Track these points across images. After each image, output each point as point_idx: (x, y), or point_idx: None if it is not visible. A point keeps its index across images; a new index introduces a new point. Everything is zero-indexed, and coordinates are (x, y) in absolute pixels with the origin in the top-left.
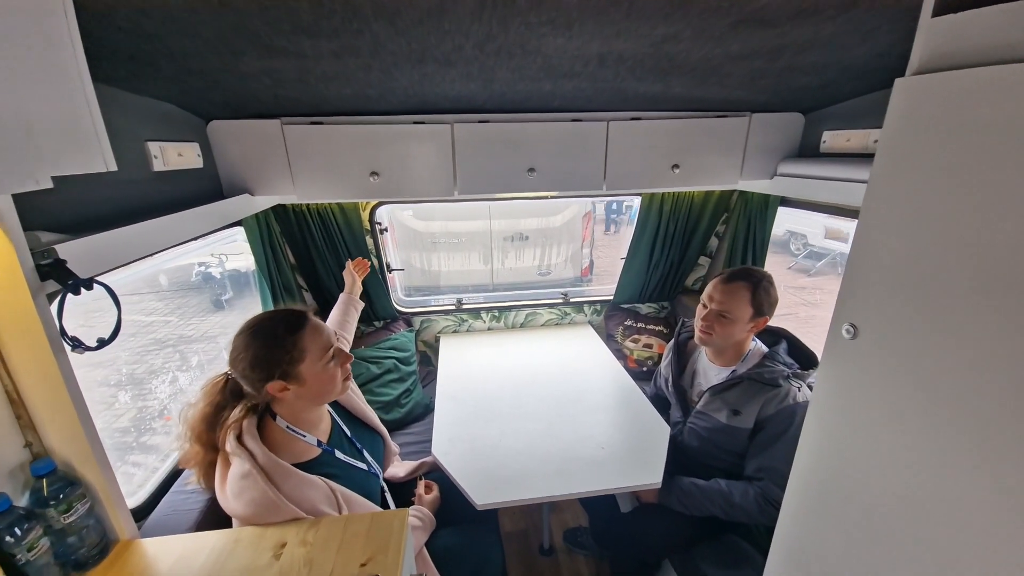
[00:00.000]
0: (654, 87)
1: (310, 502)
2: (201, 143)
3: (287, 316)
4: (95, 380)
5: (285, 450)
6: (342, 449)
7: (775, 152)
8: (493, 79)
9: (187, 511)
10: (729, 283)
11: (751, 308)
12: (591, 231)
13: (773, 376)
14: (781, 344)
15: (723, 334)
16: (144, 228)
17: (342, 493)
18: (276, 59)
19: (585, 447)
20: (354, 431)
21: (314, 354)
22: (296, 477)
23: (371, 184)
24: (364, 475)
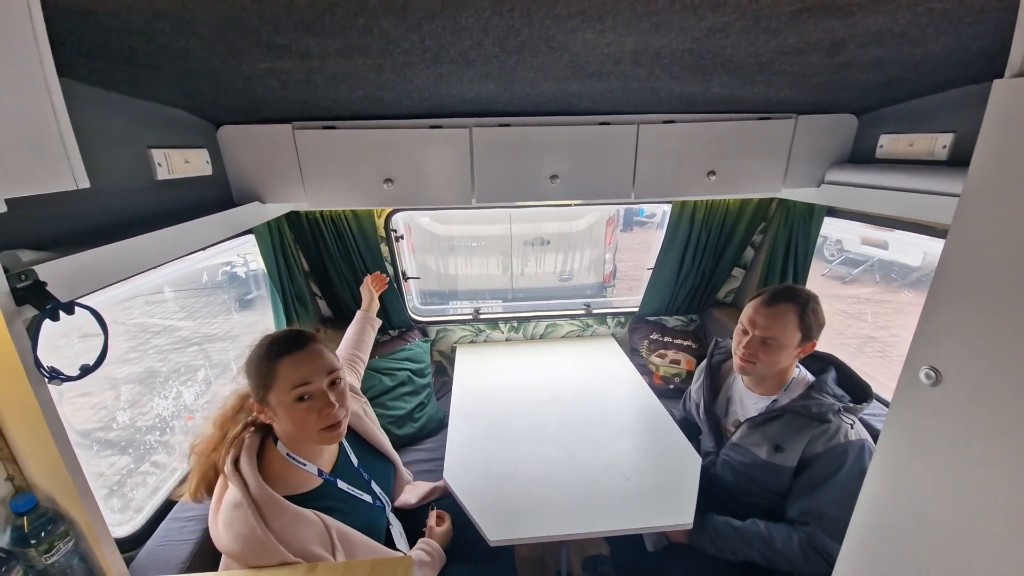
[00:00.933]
0: (692, 87)
1: (301, 543)
2: (211, 149)
3: (285, 337)
4: (121, 376)
5: (282, 479)
6: (346, 479)
7: (823, 157)
8: (515, 79)
9: (181, 542)
10: (773, 305)
11: (799, 332)
12: (615, 236)
13: (822, 410)
14: (829, 372)
15: (768, 362)
16: (141, 242)
17: (338, 531)
18: (280, 59)
19: (609, 477)
20: (363, 460)
21: (281, 386)
22: (288, 513)
23: (385, 191)
24: (368, 508)
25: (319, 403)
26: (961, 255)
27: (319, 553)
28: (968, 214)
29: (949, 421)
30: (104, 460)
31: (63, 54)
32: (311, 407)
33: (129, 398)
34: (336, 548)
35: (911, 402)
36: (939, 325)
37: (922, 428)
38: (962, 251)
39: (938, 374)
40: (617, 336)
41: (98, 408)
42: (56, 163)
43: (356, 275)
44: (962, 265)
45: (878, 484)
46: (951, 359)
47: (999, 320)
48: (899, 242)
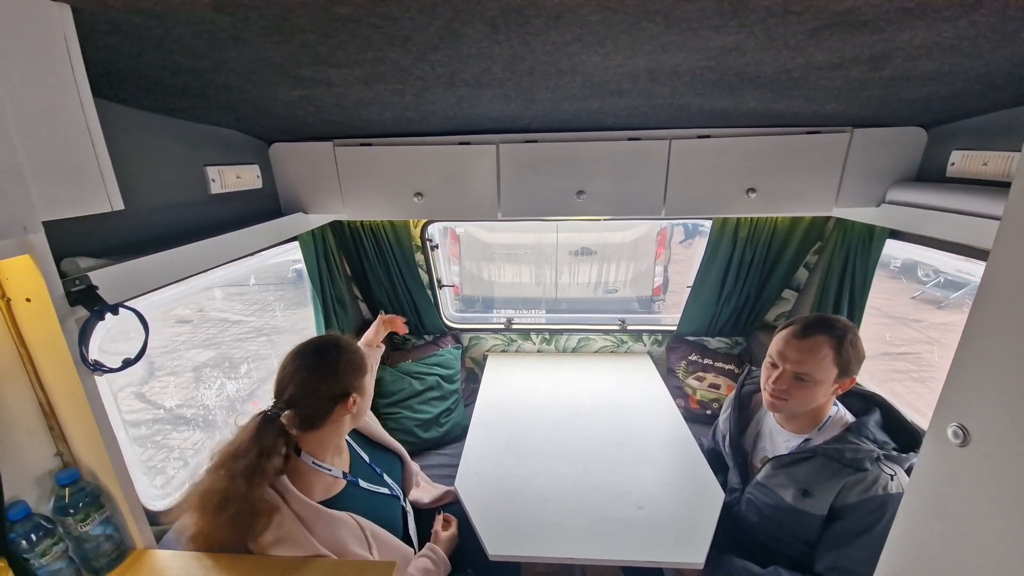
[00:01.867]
0: (723, 103)
1: (342, 544)
2: (262, 164)
3: (345, 337)
4: (203, 361)
5: (313, 488)
6: (364, 476)
7: (884, 174)
8: (534, 99)
9: None
10: (806, 337)
11: (835, 368)
12: (667, 248)
13: (857, 456)
14: (872, 414)
15: (802, 400)
16: (189, 250)
17: (371, 530)
18: (310, 88)
19: (621, 504)
20: (372, 455)
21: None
22: (327, 518)
23: (415, 204)
24: (387, 500)
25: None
26: (994, 301)
27: (358, 552)
28: (1002, 257)
29: (980, 486)
30: (181, 435)
31: (126, 89)
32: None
33: (206, 380)
34: (372, 545)
35: (938, 461)
36: (968, 380)
37: (948, 489)
38: (999, 291)
39: (966, 433)
40: (654, 355)
41: (180, 387)
42: (93, 188)
43: (392, 281)
44: (996, 312)
45: (900, 547)
46: (983, 416)
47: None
48: None
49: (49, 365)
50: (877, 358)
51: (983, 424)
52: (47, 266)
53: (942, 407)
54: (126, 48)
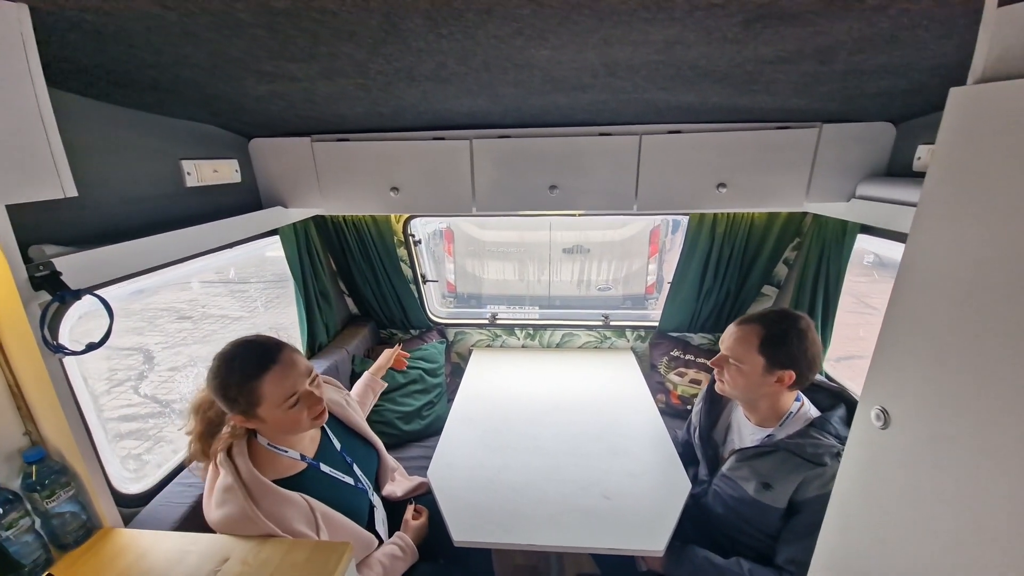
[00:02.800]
0: (686, 97)
1: (287, 522)
2: (241, 159)
3: (255, 356)
4: (203, 356)
5: (269, 466)
6: (329, 462)
7: (854, 170)
8: (499, 94)
9: (178, 504)
10: (742, 324)
11: (761, 357)
12: (660, 246)
13: (817, 452)
14: (837, 409)
15: (732, 384)
16: (160, 240)
17: (322, 512)
18: (275, 83)
19: (588, 495)
20: (346, 444)
21: (272, 400)
22: (275, 495)
23: (392, 199)
24: (351, 490)
25: (307, 402)
26: (913, 287)
27: (303, 531)
28: (918, 245)
29: (900, 468)
30: (175, 425)
31: (97, 85)
32: (302, 408)
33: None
34: (320, 527)
35: (863, 443)
36: (889, 364)
37: (872, 472)
38: (912, 284)
39: (887, 415)
40: (637, 351)
41: (179, 383)
42: (46, 175)
43: (376, 276)
44: (914, 296)
45: (831, 531)
46: (902, 400)
47: (943, 359)
48: None
49: (15, 347)
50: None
51: (903, 407)
52: (11, 251)
53: (867, 391)
54: (89, 44)
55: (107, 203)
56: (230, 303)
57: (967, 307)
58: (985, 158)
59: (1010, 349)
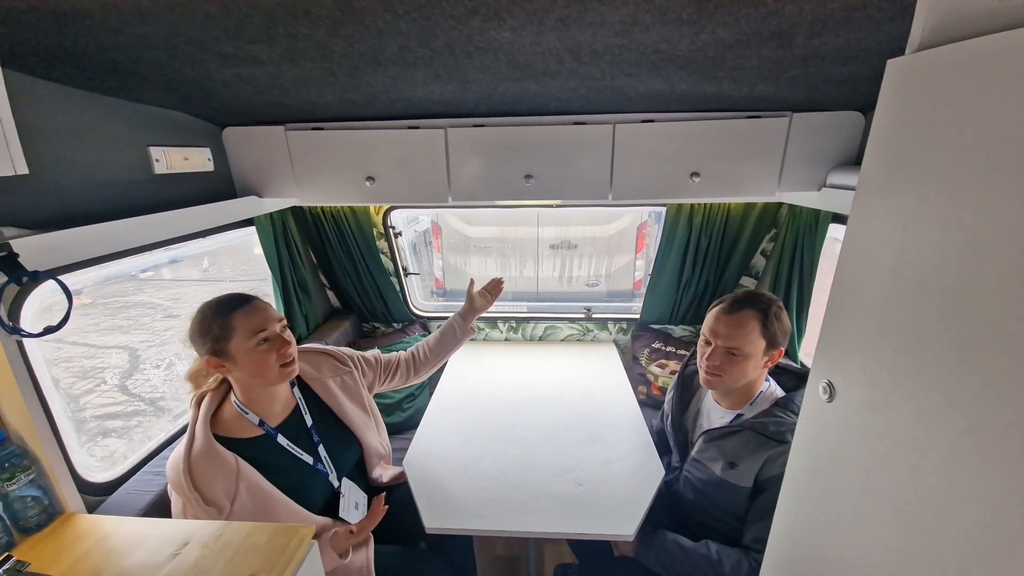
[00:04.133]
0: (654, 84)
1: (206, 484)
2: (214, 148)
3: (229, 297)
4: (187, 355)
5: (231, 425)
6: (291, 436)
7: (825, 159)
8: (467, 80)
9: (144, 492)
10: (734, 312)
11: (763, 340)
12: (646, 242)
13: (780, 430)
14: (802, 391)
15: (734, 374)
16: (123, 225)
17: (251, 484)
18: (240, 66)
19: (562, 482)
20: (320, 423)
21: (242, 334)
22: (208, 451)
23: (367, 189)
24: (305, 470)
25: (277, 344)
26: (855, 261)
27: (217, 498)
28: (858, 221)
29: (845, 441)
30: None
31: (59, 68)
32: (270, 348)
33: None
34: (237, 496)
35: (812, 418)
36: (834, 337)
37: (820, 445)
38: (855, 257)
39: (832, 388)
40: (620, 343)
41: (164, 381)
42: None
43: (356, 268)
44: (856, 271)
45: (785, 505)
46: (845, 372)
47: (883, 331)
48: None
49: None
50: None
51: (846, 379)
52: None
53: (816, 365)
54: (47, 24)
55: (70, 187)
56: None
57: (904, 280)
58: (920, 130)
59: (944, 321)
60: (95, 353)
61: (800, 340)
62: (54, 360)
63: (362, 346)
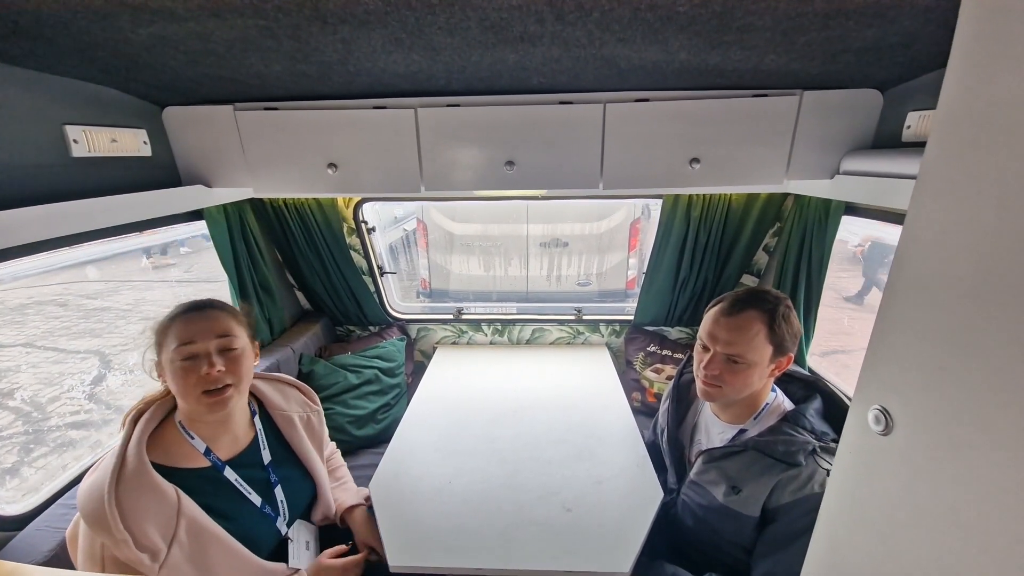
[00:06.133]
0: (650, 52)
1: (139, 521)
2: (153, 131)
3: (189, 303)
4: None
5: (165, 448)
6: (242, 471)
7: (838, 142)
8: (434, 46)
9: (55, 530)
10: (736, 314)
11: (770, 345)
12: (640, 239)
13: (790, 450)
14: (813, 401)
15: (737, 385)
16: (26, 214)
17: (191, 521)
18: (156, 23)
19: (548, 507)
20: (278, 462)
21: (171, 344)
22: (143, 478)
23: (329, 177)
24: (252, 513)
25: (202, 363)
26: (914, 266)
27: (151, 540)
28: (919, 220)
29: (900, 479)
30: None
31: None
32: (193, 367)
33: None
34: (176, 538)
35: (859, 452)
36: (890, 354)
37: (869, 487)
38: (914, 262)
39: (889, 417)
40: (612, 346)
41: (136, 385)
42: None
43: (325, 267)
44: (916, 278)
45: (819, 557)
46: (903, 397)
47: (955, 349)
48: None
49: None
50: (859, 351)
51: (908, 407)
52: None
53: (862, 387)
54: None
55: None
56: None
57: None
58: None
59: None
60: (62, 358)
61: (808, 343)
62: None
63: (334, 351)
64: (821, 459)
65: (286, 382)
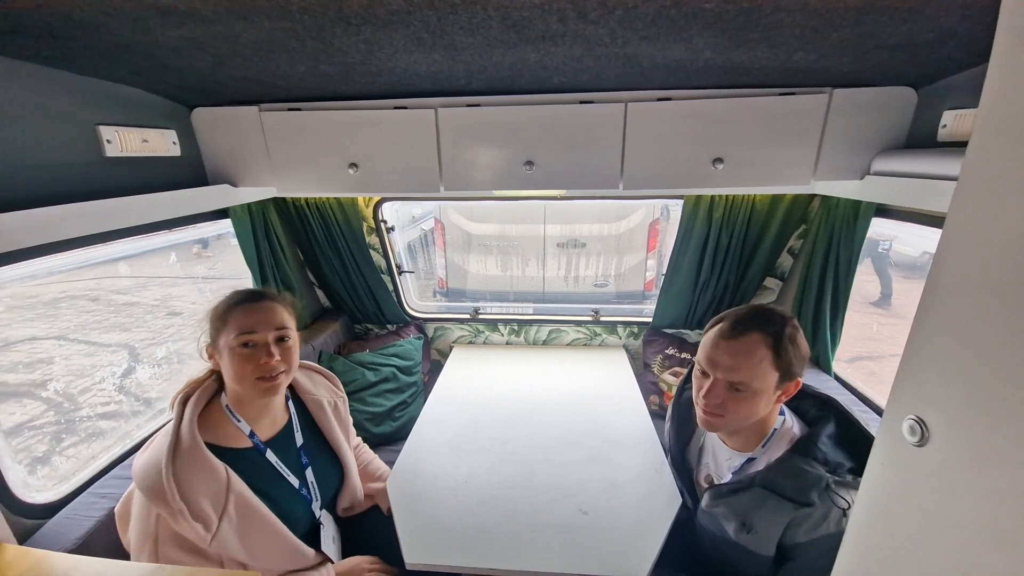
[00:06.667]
0: (674, 50)
1: (194, 492)
2: (182, 131)
3: (248, 291)
4: (187, 353)
5: (216, 428)
6: (280, 453)
7: (869, 142)
8: (455, 45)
9: (85, 518)
10: (738, 337)
11: (776, 371)
12: (659, 240)
13: (801, 488)
14: (825, 426)
15: (741, 414)
16: (58, 213)
17: (240, 497)
18: (184, 25)
19: (563, 509)
20: (310, 444)
21: (231, 330)
22: (196, 455)
23: (350, 177)
24: (291, 493)
25: (260, 352)
26: (953, 270)
27: (205, 512)
28: (960, 222)
29: (937, 492)
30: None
31: None
32: (252, 355)
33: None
34: (226, 512)
35: (892, 465)
36: (926, 362)
37: (903, 501)
38: (954, 265)
39: (925, 427)
40: (630, 348)
41: (163, 378)
42: None
43: (345, 265)
44: (955, 282)
45: (850, 566)
46: (941, 407)
47: (988, 358)
48: None
49: None
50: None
51: (945, 415)
52: None
53: (896, 397)
54: None
55: None
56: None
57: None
58: None
59: None
60: (94, 351)
61: (834, 349)
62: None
63: (352, 349)
64: (836, 495)
65: (313, 369)
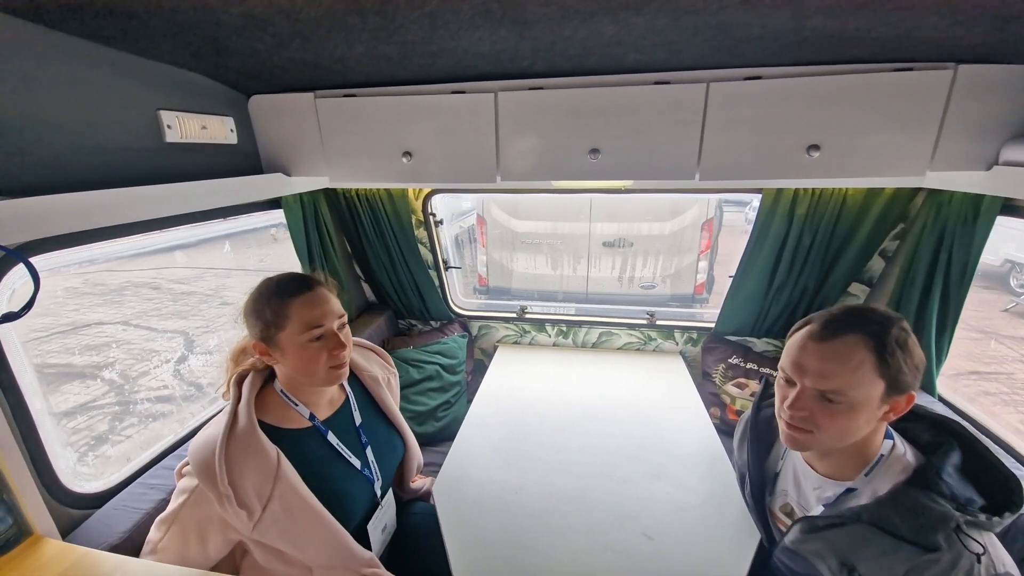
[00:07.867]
0: (776, 17)
1: (241, 477)
2: (239, 118)
3: (291, 279)
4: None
5: (275, 410)
6: (339, 433)
7: (997, 127)
8: (526, 19)
9: (134, 509)
10: (831, 338)
11: (881, 380)
12: (712, 241)
13: (924, 527)
14: (951, 454)
15: (834, 430)
16: (121, 195)
17: (288, 486)
18: (247, 1)
19: (625, 532)
20: (368, 422)
21: (295, 325)
22: (249, 438)
23: (403, 166)
24: (351, 472)
25: (331, 343)
26: None
27: (249, 499)
28: None
29: None
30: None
31: (50, 9)
32: (323, 347)
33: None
34: (271, 501)
35: None
36: None
37: None
38: None
39: None
40: (687, 355)
41: (215, 366)
42: None
43: (392, 259)
44: None
45: None
46: None
47: None
48: None
49: None
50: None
51: None
52: None
53: None
54: None
55: (60, 151)
56: None
57: None
58: None
59: None
60: (153, 336)
61: (939, 367)
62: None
63: (396, 345)
64: (967, 538)
65: (364, 346)
